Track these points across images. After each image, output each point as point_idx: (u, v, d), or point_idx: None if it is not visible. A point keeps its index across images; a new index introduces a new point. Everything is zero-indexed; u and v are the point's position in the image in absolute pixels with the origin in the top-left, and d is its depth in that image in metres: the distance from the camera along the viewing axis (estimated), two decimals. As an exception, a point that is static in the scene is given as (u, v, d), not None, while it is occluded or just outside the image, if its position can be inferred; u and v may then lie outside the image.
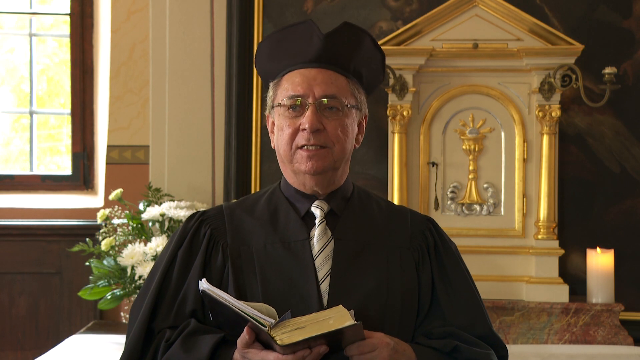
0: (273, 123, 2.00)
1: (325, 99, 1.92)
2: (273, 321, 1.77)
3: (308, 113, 1.91)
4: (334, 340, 1.78)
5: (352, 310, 1.79)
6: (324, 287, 1.89)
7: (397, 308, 1.91)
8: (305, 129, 1.91)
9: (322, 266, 1.92)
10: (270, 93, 2.00)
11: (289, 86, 1.94)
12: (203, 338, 1.86)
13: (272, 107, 1.99)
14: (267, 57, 2.01)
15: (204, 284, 1.83)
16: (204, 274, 1.93)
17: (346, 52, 1.96)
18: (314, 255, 1.92)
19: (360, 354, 1.80)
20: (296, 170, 1.95)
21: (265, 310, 1.81)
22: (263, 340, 1.79)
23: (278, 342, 1.73)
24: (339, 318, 1.77)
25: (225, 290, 1.91)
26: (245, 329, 1.78)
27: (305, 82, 1.93)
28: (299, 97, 1.92)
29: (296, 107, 1.93)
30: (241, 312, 1.77)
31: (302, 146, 1.92)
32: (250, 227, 1.98)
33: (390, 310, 1.89)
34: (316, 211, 1.97)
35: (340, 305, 1.81)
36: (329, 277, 1.90)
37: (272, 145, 2.02)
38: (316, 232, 1.95)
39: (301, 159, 1.93)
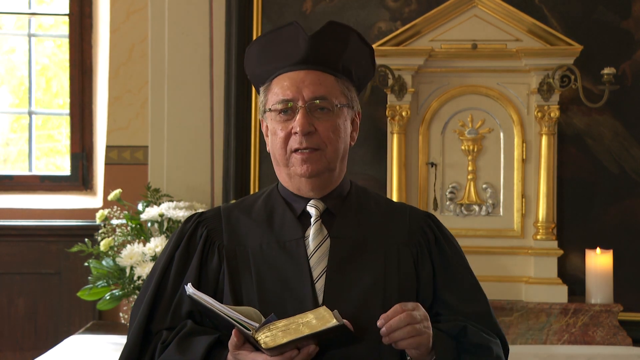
0: (267, 127, 2.01)
1: (316, 101, 1.92)
2: (256, 325, 1.77)
3: (299, 116, 1.92)
4: (323, 340, 1.78)
5: (336, 311, 1.79)
6: (319, 285, 1.90)
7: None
8: (297, 132, 1.91)
9: (317, 265, 1.92)
10: (261, 98, 2.01)
11: (278, 90, 1.95)
12: (198, 339, 1.87)
13: (265, 112, 1.99)
14: (255, 62, 2.02)
15: (189, 289, 1.84)
16: (200, 276, 1.95)
17: (333, 51, 1.96)
18: (308, 254, 1.92)
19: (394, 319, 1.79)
20: (292, 173, 1.96)
21: (254, 313, 1.81)
22: (253, 343, 1.79)
23: (262, 345, 1.75)
24: (322, 319, 1.77)
25: (222, 291, 1.92)
26: (234, 331, 1.79)
27: (294, 86, 1.93)
28: (289, 101, 1.93)
29: (287, 111, 1.94)
30: (225, 317, 1.78)
31: (295, 150, 1.93)
32: (247, 227, 1.99)
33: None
34: (311, 210, 1.97)
35: (324, 306, 1.81)
36: (324, 275, 1.90)
37: (268, 149, 2.02)
38: (311, 231, 1.95)
39: (296, 162, 1.94)
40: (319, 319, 1.77)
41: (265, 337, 1.75)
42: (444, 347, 1.88)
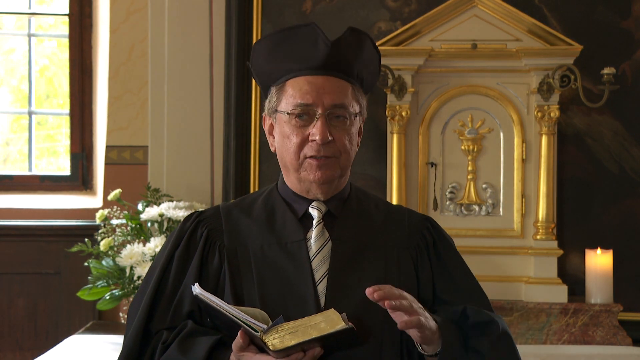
0: (272, 125, 1.99)
1: (335, 109, 1.90)
2: (265, 326, 1.77)
3: (319, 124, 1.89)
4: (329, 342, 1.78)
5: (344, 314, 1.79)
6: (321, 288, 1.89)
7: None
8: (314, 140, 1.89)
9: (320, 267, 1.91)
10: (273, 98, 1.97)
11: (296, 94, 1.91)
12: (200, 340, 1.86)
13: (275, 112, 1.96)
14: (265, 59, 1.98)
15: (196, 289, 1.83)
16: (200, 275, 1.94)
17: (350, 58, 1.94)
18: (311, 256, 1.92)
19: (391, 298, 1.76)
20: (303, 178, 1.94)
21: (259, 314, 1.81)
22: (258, 344, 1.79)
23: (270, 347, 1.74)
24: (331, 322, 1.76)
25: (223, 291, 1.92)
26: (239, 333, 1.78)
27: (313, 91, 1.90)
28: (308, 106, 1.90)
29: (303, 116, 1.91)
30: (233, 318, 1.77)
31: (310, 156, 1.91)
32: (247, 227, 1.98)
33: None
34: (314, 212, 1.97)
35: (332, 309, 1.80)
36: (326, 278, 1.90)
37: (272, 149, 2.00)
38: (313, 233, 1.95)
39: (310, 167, 1.92)
40: (327, 322, 1.76)
41: (273, 339, 1.75)
42: (449, 332, 1.85)
